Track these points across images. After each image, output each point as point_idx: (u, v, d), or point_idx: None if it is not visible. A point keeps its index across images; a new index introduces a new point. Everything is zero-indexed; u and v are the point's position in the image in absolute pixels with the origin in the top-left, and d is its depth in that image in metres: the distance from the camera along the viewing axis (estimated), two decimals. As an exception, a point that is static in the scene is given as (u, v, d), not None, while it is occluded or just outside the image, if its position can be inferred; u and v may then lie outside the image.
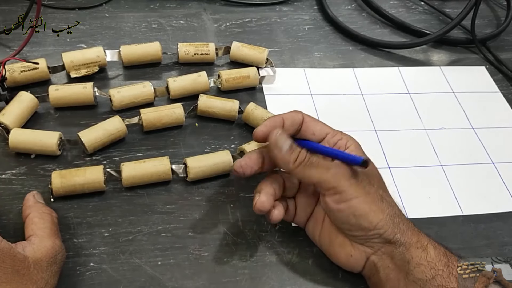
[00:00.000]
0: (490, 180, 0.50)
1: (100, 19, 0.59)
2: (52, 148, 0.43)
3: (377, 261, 0.37)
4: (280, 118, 0.39)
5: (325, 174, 0.36)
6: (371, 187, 0.37)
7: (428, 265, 0.35)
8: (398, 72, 0.60)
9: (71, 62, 0.49)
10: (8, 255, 0.31)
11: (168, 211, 0.43)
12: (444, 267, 0.35)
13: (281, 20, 0.64)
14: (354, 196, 0.36)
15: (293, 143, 0.37)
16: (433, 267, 0.35)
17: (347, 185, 0.36)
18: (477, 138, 0.54)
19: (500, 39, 0.67)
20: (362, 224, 0.36)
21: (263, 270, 0.40)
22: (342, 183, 0.36)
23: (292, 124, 0.39)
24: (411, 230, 0.37)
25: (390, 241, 0.36)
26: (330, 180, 0.36)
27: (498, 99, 0.58)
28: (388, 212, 0.36)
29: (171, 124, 0.48)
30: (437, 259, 0.35)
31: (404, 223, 0.37)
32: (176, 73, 0.54)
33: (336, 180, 0.36)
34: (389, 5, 0.69)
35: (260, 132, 0.38)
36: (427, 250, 0.36)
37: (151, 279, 0.38)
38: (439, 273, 0.35)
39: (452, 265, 0.35)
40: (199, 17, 0.62)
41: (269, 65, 0.55)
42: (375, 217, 0.36)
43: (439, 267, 0.35)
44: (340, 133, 0.40)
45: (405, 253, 0.36)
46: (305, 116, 0.40)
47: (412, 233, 0.36)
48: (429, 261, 0.35)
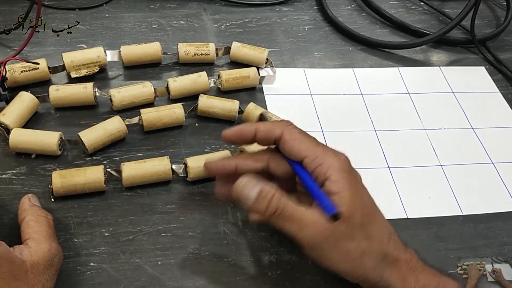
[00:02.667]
0: (490, 180, 0.50)
1: (101, 19, 0.59)
2: (52, 148, 0.43)
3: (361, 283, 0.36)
4: (252, 130, 0.36)
5: (300, 232, 0.33)
6: (351, 243, 0.33)
7: None
8: (397, 72, 0.60)
9: (72, 62, 0.49)
10: (6, 259, 0.31)
11: (168, 211, 0.43)
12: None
13: (281, 21, 0.64)
14: (331, 258, 0.34)
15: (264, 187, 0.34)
16: None
17: (324, 247, 0.33)
18: (476, 138, 0.54)
19: (500, 39, 0.67)
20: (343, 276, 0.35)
21: (263, 270, 0.40)
22: (316, 246, 0.33)
23: (265, 138, 0.36)
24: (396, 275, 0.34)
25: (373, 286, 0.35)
26: (304, 240, 0.33)
27: (498, 99, 0.59)
28: (370, 265, 0.34)
29: (171, 124, 0.48)
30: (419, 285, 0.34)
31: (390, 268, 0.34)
32: (176, 73, 0.54)
33: (308, 241, 0.33)
34: (388, 5, 0.69)
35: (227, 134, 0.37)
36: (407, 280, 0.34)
37: (151, 279, 0.38)
38: None
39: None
40: (199, 17, 0.62)
41: (269, 65, 0.55)
42: (354, 274, 0.34)
43: None
44: (322, 155, 0.34)
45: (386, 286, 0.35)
46: (285, 133, 0.35)
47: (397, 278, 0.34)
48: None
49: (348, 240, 0.33)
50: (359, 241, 0.33)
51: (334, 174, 0.34)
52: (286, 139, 0.35)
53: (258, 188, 0.34)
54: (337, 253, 0.33)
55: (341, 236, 0.33)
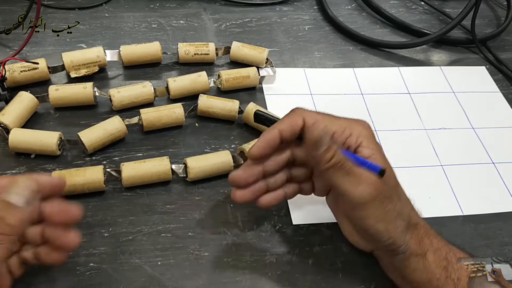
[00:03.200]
0: (490, 180, 0.50)
1: (100, 19, 0.59)
2: (52, 148, 0.43)
3: (379, 255, 0.40)
4: (276, 133, 0.36)
5: (353, 189, 0.34)
6: (390, 204, 0.35)
7: (424, 270, 0.36)
8: (398, 72, 0.60)
9: (71, 62, 0.49)
10: None
11: (168, 211, 0.43)
12: (442, 271, 0.36)
13: (281, 20, 0.64)
14: (373, 217, 0.35)
15: (332, 142, 0.35)
16: (429, 271, 0.36)
17: (370, 205, 0.35)
18: (477, 138, 0.53)
19: (500, 39, 0.67)
20: (373, 238, 0.36)
21: (263, 270, 0.40)
22: (367, 204, 0.35)
23: (291, 135, 0.36)
24: (415, 239, 0.36)
25: (392, 251, 0.37)
26: (355, 196, 0.35)
27: (498, 99, 0.58)
28: (401, 228, 0.36)
29: (171, 124, 0.48)
30: (435, 264, 0.36)
31: (411, 233, 0.36)
32: (176, 73, 0.54)
33: (361, 198, 0.35)
34: (389, 5, 0.69)
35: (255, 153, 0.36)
36: (426, 257, 0.36)
37: (151, 279, 0.38)
38: (436, 277, 0.35)
39: (451, 269, 0.36)
40: (199, 17, 0.62)
41: (269, 65, 0.55)
42: (386, 235, 0.36)
43: (436, 271, 0.36)
44: (349, 126, 0.37)
45: (404, 260, 0.36)
46: (306, 118, 0.36)
47: (414, 242, 0.36)
48: (426, 266, 0.36)
49: (388, 200, 0.35)
50: (395, 202, 0.36)
51: (364, 140, 0.36)
52: (310, 123, 0.36)
53: (330, 142, 0.35)
54: (380, 212, 0.35)
55: (385, 196, 0.35)
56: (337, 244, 0.42)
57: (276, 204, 0.40)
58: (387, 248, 0.36)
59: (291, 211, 0.44)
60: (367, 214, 0.35)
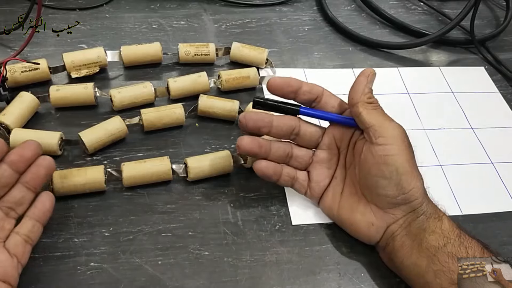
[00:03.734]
0: (489, 180, 0.50)
1: (101, 20, 0.59)
2: (53, 148, 0.44)
3: (396, 229, 0.39)
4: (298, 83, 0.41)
5: (386, 124, 0.38)
6: (413, 155, 0.39)
7: (441, 234, 0.37)
8: (397, 73, 0.60)
9: (72, 62, 0.50)
10: None
11: (169, 211, 0.43)
12: (456, 237, 0.37)
13: (281, 21, 0.64)
14: (403, 154, 0.38)
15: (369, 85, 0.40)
16: (446, 236, 0.37)
17: (400, 141, 0.38)
18: (476, 138, 0.54)
19: (499, 40, 0.67)
20: (401, 182, 0.37)
21: (263, 270, 0.40)
22: (398, 138, 0.38)
23: (309, 92, 0.41)
24: (431, 202, 0.39)
25: (415, 210, 0.38)
26: (388, 130, 0.38)
27: (497, 99, 0.59)
28: (422, 182, 0.38)
29: (172, 124, 0.48)
30: (450, 229, 0.37)
31: (429, 198, 0.39)
32: (177, 74, 0.54)
33: (394, 133, 0.38)
34: (388, 5, 0.69)
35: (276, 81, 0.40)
36: (442, 220, 0.38)
37: (151, 279, 0.39)
38: (450, 242, 0.37)
39: (464, 237, 0.37)
40: (199, 17, 0.62)
41: (269, 66, 0.55)
42: (413, 180, 0.38)
43: (451, 237, 0.37)
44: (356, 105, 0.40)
45: (424, 222, 0.38)
46: (325, 90, 0.42)
47: (432, 205, 0.39)
48: (443, 230, 0.37)
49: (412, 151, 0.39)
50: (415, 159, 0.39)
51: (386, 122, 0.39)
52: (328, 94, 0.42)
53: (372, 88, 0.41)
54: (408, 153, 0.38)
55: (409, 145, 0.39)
56: (337, 244, 0.43)
57: (269, 175, 0.41)
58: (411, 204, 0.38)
59: (291, 211, 0.44)
60: (399, 149, 0.37)
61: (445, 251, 0.36)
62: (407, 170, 0.37)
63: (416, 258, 0.38)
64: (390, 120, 0.39)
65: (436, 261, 0.36)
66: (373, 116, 0.39)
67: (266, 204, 0.44)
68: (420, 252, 0.37)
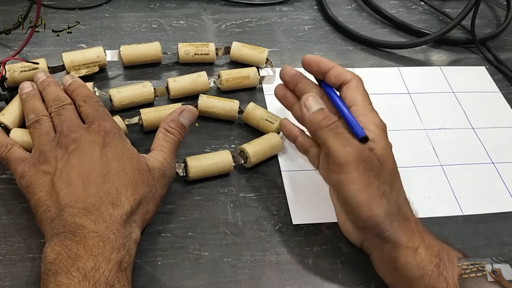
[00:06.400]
0: (490, 180, 0.50)
1: (100, 19, 0.59)
2: (52, 148, 0.43)
3: (370, 247, 0.39)
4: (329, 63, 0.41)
5: (341, 148, 0.36)
6: (375, 180, 0.36)
7: (416, 265, 0.36)
8: (398, 72, 0.60)
9: (71, 62, 0.49)
10: (136, 157, 0.38)
11: (168, 211, 0.43)
12: (435, 267, 0.35)
13: (281, 20, 0.64)
14: (355, 183, 0.35)
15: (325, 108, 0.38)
16: (421, 267, 0.35)
17: (353, 169, 0.35)
18: (477, 138, 0.54)
19: (500, 39, 0.67)
20: (355, 212, 0.36)
21: (263, 270, 0.40)
22: (350, 165, 0.35)
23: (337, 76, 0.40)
24: (404, 230, 0.36)
25: (379, 235, 0.37)
26: (341, 156, 0.36)
27: (498, 99, 0.58)
28: (384, 209, 0.36)
29: (171, 124, 0.48)
30: (427, 260, 0.36)
31: (399, 222, 0.36)
32: (176, 73, 0.54)
33: (346, 160, 0.36)
34: (389, 5, 0.69)
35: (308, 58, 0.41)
36: (417, 251, 0.36)
37: (151, 279, 0.38)
38: (427, 273, 0.35)
39: (443, 266, 0.35)
40: (199, 17, 0.62)
41: (269, 65, 0.55)
42: (367, 210, 0.36)
43: (429, 268, 0.35)
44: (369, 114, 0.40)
45: (393, 250, 0.36)
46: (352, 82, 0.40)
47: (404, 233, 0.36)
48: (418, 262, 0.36)
49: (374, 174, 0.36)
50: (383, 182, 0.36)
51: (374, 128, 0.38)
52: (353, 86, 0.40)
53: (322, 105, 0.38)
54: (362, 180, 0.35)
55: (371, 167, 0.36)
56: (337, 244, 0.42)
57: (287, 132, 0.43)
58: (372, 231, 0.36)
59: (291, 211, 0.44)
60: (350, 178, 0.35)
61: (422, 283, 0.35)
62: (359, 200, 0.35)
63: (394, 282, 0.38)
64: (345, 144, 0.36)
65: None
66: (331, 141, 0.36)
67: (266, 204, 0.44)
68: (396, 278, 0.37)
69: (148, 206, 0.38)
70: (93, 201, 0.35)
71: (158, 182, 0.39)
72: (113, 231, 0.34)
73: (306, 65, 0.41)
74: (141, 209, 0.37)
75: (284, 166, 0.48)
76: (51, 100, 0.42)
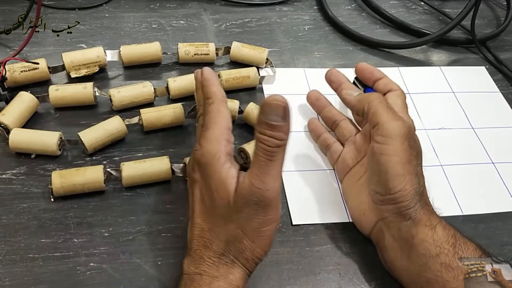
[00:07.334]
0: (490, 180, 0.50)
1: (100, 19, 0.59)
2: (52, 148, 0.43)
3: (384, 227, 0.39)
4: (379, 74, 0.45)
5: (391, 121, 0.38)
6: (414, 159, 0.38)
7: (433, 243, 0.36)
8: (398, 72, 0.60)
9: (71, 62, 0.49)
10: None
11: (168, 211, 0.43)
12: (451, 247, 0.36)
13: (281, 20, 0.64)
14: (398, 156, 0.37)
15: None
16: (438, 245, 0.36)
17: (399, 142, 0.37)
18: (477, 138, 0.54)
19: (500, 39, 0.67)
20: (388, 183, 0.37)
21: (263, 270, 0.40)
22: (397, 138, 0.37)
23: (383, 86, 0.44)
24: (425, 210, 0.38)
25: (401, 213, 0.37)
26: (390, 128, 0.38)
27: (498, 99, 0.58)
28: (415, 188, 0.37)
29: (171, 124, 0.48)
30: (444, 238, 0.36)
31: (422, 203, 0.38)
32: (176, 73, 0.54)
33: (395, 133, 0.37)
34: (389, 5, 0.69)
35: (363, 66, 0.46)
36: (435, 229, 0.37)
37: (151, 279, 0.38)
38: (444, 252, 0.36)
39: (459, 247, 0.36)
40: (199, 17, 0.62)
41: (269, 65, 0.55)
42: (402, 183, 0.37)
43: (445, 247, 0.36)
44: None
45: (411, 227, 0.37)
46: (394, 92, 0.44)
47: (424, 212, 0.37)
48: (435, 240, 0.36)
49: (415, 156, 0.38)
50: (418, 165, 0.39)
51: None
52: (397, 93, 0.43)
53: None
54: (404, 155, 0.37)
55: (413, 146, 0.38)
56: (338, 244, 0.42)
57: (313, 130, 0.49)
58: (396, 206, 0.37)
59: (291, 211, 0.44)
60: (394, 149, 0.37)
61: (438, 261, 0.36)
62: (397, 172, 0.37)
63: (406, 263, 0.38)
64: (396, 119, 0.38)
65: (427, 270, 0.36)
66: (381, 113, 0.39)
67: (266, 204, 0.44)
68: (411, 258, 0.37)
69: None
70: None
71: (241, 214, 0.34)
72: None
73: (360, 71, 0.46)
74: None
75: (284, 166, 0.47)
76: None
